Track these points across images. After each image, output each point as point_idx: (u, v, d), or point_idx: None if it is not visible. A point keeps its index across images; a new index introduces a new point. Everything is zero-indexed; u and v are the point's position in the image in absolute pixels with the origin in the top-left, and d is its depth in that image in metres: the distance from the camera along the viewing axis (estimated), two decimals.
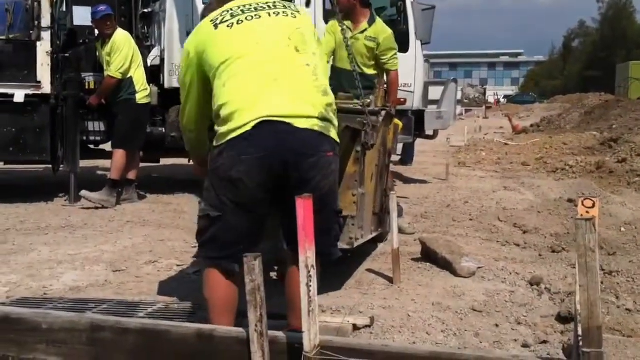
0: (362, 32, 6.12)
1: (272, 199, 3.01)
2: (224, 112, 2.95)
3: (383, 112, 4.85)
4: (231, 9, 3.15)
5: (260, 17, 3.12)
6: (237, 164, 2.90)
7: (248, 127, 2.87)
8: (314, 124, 2.92)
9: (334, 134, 3.03)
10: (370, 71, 6.24)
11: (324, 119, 2.96)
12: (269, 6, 3.18)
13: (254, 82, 2.98)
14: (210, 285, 3.10)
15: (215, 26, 3.12)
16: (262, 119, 2.86)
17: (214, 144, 3.02)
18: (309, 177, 2.92)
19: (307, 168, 2.91)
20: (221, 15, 3.14)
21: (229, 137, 2.92)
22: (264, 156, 2.88)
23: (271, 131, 2.87)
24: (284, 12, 3.17)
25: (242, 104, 2.93)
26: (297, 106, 2.93)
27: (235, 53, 3.05)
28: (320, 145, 2.95)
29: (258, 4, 3.17)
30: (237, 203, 2.97)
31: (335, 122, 3.08)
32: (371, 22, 6.20)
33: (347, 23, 6.02)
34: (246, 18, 3.11)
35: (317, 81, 3.04)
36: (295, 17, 3.18)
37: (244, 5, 3.16)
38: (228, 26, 3.10)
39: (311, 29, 3.26)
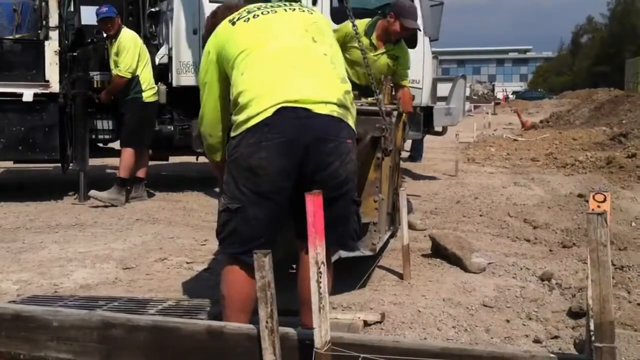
0: (386, 51, 6.12)
1: (292, 189, 2.95)
2: (242, 100, 2.94)
3: (395, 112, 4.86)
4: (248, 9, 3.20)
5: (276, 12, 3.18)
6: (257, 151, 2.87)
7: (268, 113, 2.86)
8: (333, 110, 2.92)
9: (351, 121, 3.04)
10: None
11: (342, 105, 2.96)
12: (285, 4, 3.25)
13: (272, 70, 2.99)
14: (230, 283, 3.05)
15: (233, 23, 3.15)
16: (282, 105, 2.86)
17: (232, 134, 2.99)
18: (328, 162, 2.90)
19: (326, 153, 2.90)
20: (238, 14, 3.19)
21: (248, 125, 2.89)
22: (284, 141, 2.86)
23: (291, 117, 2.86)
24: (300, 9, 3.24)
25: (261, 91, 2.92)
26: (316, 92, 2.93)
27: (252, 43, 3.06)
28: (340, 131, 2.95)
29: (274, 4, 3.24)
30: (258, 192, 2.92)
31: (353, 111, 3.08)
32: (398, 41, 6.21)
33: (374, 38, 6.07)
34: (262, 12, 3.16)
35: (335, 69, 3.06)
36: (311, 13, 3.25)
37: (261, 5, 3.21)
38: (245, 21, 3.14)
39: (328, 25, 3.30)
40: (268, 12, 3.16)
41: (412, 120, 6.26)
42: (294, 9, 3.21)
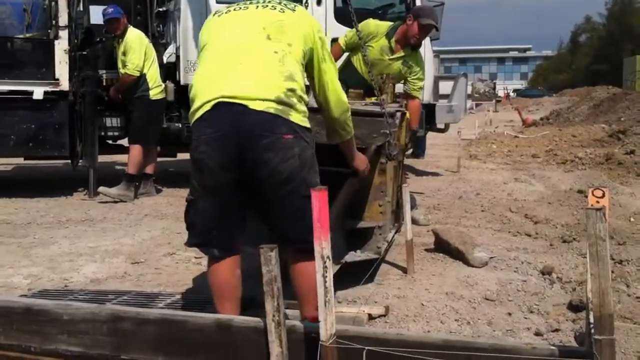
0: (402, 56, 6.10)
1: (238, 183, 2.98)
2: (191, 94, 3.06)
3: (399, 114, 4.91)
4: (232, 6, 3.27)
5: (247, 8, 3.22)
6: (199, 145, 2.96)
7: (207, 107, 2.93)
8: (269, 107, 2.89)
9: (295, 117, 2.96)
10: None
11: (281, 102, 2.92)
12: (263, 2, 3.25)
13: (216, 66, 3.05)
14: (209, 272, 3.20)
15: (213, 15, 3.33)
16: (218, 100, 2.91)
17: None
18: (265, 158, 2.89)
19: (260, 149, 2.88)
20: (225, 8, 3.30)
21: (193, 119, 3.02)
22: (219, 136, 2.91)
23: (227, 112, 2.90)
24: (272, 7, 3.21)
25: (203, 86, 3.00)
26: (254, 89, 2.93)
27: (209, 40, 3.18)
28: (276, 127, 2.90)
29: (255, 1, 3.25)
30: (204, 186, 3.00)
31: (299, 107, 3.00)
32: (415, 49, 6.18)
33: (393, 41, 6.04)
34: (234, 9, 3.23)
35: (282, 67, 3.01)
36: (283, 11, 3.19)
37: (245, 2, 3.28)
38: (218, 16, 3.27)
39: (302, 26, 3.20)
40: (240, 9, 3.22)
41: (413, 139, 6.22)
42: (266, 6, 3.21)
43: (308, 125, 3.04)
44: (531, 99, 50.88)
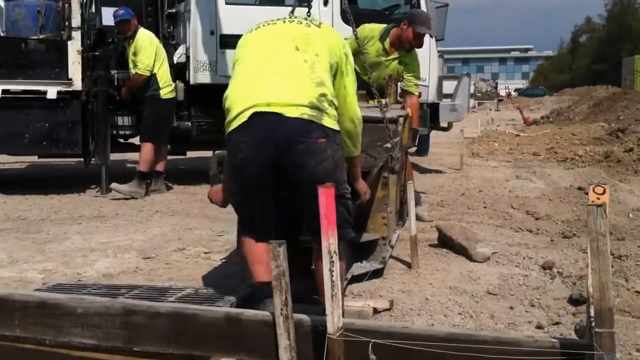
0: (398, 57, 6.16)
1: (277, 185, 3.15)
2: (225, 105, 3.21)
3: (401, 119, 4.96)
4: (263, 22, 3.46)
5: (275, 24, 3.39)
6: (237, 152, 3.11)
7: (244, 118, 3.05)
8: (303, 113, 3.00)
9: (327, 121, 3.07)
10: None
11: (314, 107, 3.03)
12: (289, 18, 3.46)
13: (249, 77, 3.20)
14: (243, 242, 3.40)
15: (246, 33, 3.48)
16: (254, 110, 3.03)
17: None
18: (301, 162, 3.01)
19: (297, 153, 3.00)
20: (255, 25, 3.48)
21: (230, 128, 3.16)
22: (258, 143, 3.03)
23: (262, 120, 3.01)
24: (299, 22, 3.39)
25: (238, 97, 3.13)
26: (287, 96, 3.04)
27: (241, 54, 3.36)
28: (310, 132, 3.01)
29: (283, 18, 3.44)
30: (244, 189, 3.21)
31: (331, 111, 3.11)
32: (410, 49, 6.23)
33: (386, 44, 6.11)
34: (263, 25, 3.41)
35: (312, 73, 3.12)
36: (309, 26, 3.34)
37: (273, 18, 3.46)
38: (249, 32, 3.45)
39: (324, 37, 3.33)
40: (268, 25, 3.40)
41: (414, 137, 6.27)
42: (292, 21, 3.38)
43: (338, 128, 3.17)
44: (532, 98, 51.00)
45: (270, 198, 3.23)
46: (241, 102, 3.11)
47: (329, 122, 3.10)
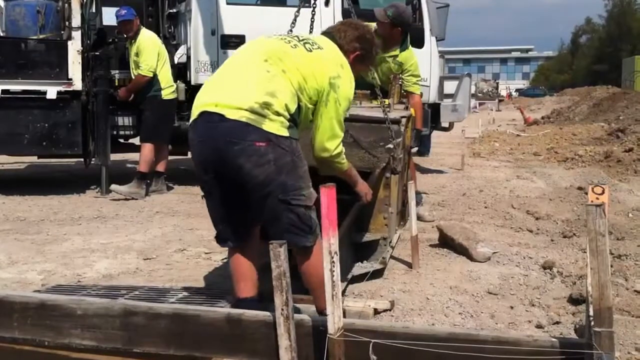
0: (393, 56, 6.10)
1: (223, 184, 3.21)
2: None
3: (404, 120, 4.96)
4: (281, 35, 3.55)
5: (281, 39, 3.43)
6: (192, 150, 3.34)
7: (194, 117, 3.24)
8: (242, 116, 3.07)
9: (269, 126, 3.08)
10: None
11: (254, 112, 3.07)
12: (288, 36, 3.51)
13: (215, 79, 3.37)
14: (228, 260, 3.50)
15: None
16: (202, 109, 3.19)
17: None
18: (239, 163, 3.08)
19: (233, 154, 3.07)
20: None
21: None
22: (200, 141, 3.21)
23: (206, 120, 3.16)
24: (304, 43, 3.37)
25: (199, 96, 3.30)
26: (233, 99, 3.13)
27: (228, 59, 3.54)
28: (247, 135, 3.06)
29: (293, 40, 3.42)
30: (202, 186, 3.33)
31: (275, 118, 3.10)
32: (404, 49, 6.16)
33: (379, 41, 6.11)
34: (267, 36, 3.51)
35: (268, 83, 3.15)
36: (295, 47, 3.32)
37: (289, 37, 3.51)
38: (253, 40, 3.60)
39: (315, 65, 3.30)
40: (271, 38, 3.47)
41: (417, 137, 6.24)
42: (297, 45, 3.34)
43: (287, 134, 3.15)
44: (533, 99, 51.15)
45: (225, 200, 3.28)
46: (198, 101, 3.28)
47: (272, 127, 3.11)
